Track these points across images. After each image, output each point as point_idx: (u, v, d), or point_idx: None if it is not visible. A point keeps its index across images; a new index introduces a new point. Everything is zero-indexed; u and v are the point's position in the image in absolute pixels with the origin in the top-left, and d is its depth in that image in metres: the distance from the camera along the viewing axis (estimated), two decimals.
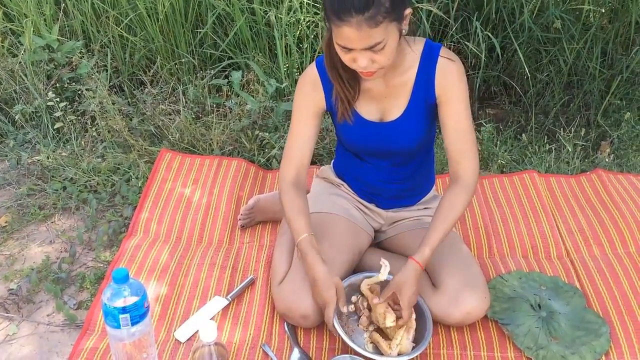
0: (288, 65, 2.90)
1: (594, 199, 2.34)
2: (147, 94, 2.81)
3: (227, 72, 2.98)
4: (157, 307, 1.84)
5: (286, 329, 1.76)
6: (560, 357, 1.68)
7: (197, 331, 1.75)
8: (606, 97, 2.93)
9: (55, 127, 2.69)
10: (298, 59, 2.90)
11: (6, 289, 1.97)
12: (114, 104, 2.73)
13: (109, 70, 2.94)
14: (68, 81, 2.85)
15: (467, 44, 2.85)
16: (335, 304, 1.63)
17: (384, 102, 1.72)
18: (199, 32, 2.99)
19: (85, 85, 2.77)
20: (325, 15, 1.48)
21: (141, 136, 2.69)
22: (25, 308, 1.92)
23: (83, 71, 2.83)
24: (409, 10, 1.50)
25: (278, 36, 2.81)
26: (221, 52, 3.01)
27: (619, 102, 2.94)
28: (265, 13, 2.89)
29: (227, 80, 2.86)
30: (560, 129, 2.81)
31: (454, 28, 2.84)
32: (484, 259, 2.06)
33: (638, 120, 2.83)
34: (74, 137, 2.67)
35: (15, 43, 3.06)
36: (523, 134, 2.80)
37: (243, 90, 2.83)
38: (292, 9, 2.84)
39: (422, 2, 2.73)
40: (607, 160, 2.62)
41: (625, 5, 2.96)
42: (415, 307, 1.68)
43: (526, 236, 2.16)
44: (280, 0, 2.89)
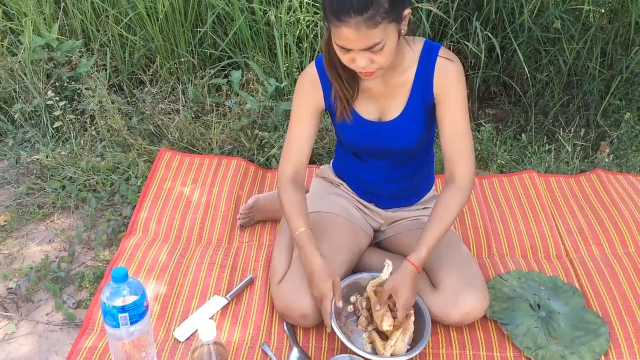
0: (288, 64, 2.90)
1: (594, 199, 2.34)
2: (146, 93, 2.80)
3: (226, 72, 2.98)
4: (156, 306, 1.84)
5: (285, 328, 1.76)
6: (560, 357, 1.68)
7: (196, 330, 1.75)
8: (606, 97, 2.93)
9: (55, 126, 2.69)
10: (298, 59, 2.90)
11: (5, 288, 1.97)
12: (113, 103, 2.73)
13: (108, 70, 2.93)
14: (67, 80, 2.85)
15: (467, 43, 2.85)
16: (332, 298, 1.63)
17: (383, 102, 1.72)
18: (199, 32, 2.99)
19: (85, 84, 2.77)
20: (324, 15, 1.48)
21: (140, 135, 2.69)
22: (24, 307, 1.91)
23: (82, 70, 2.83)
24: (408, 11, 1.50)
25: (278, 36, 2.81)
26: (221, 51, 3.01)
27: (618, 102, 2.94)
28: (265, 12, 2.89)
29: (226, 80, 2.86)
30: (560, 129, 2.81)
31: (453, 28, 2.84)
32: (483, 258, 2.06)
33: (637, 120, 2.83)
34: (73, 136, 2.67)
35: (15, 42, 3.06)
36: (523, 134, 2.80)
37: (242, 89, 2.83)
38: (292, 8, 2.84)
39: (422, 2, 2.73)
40: (606, 160, 2.62)
41: (625, 5, 2.96)
42: (413, 307, 1.68)
43: (525, 236, 2.16)
44: (279, 0, 2.89)
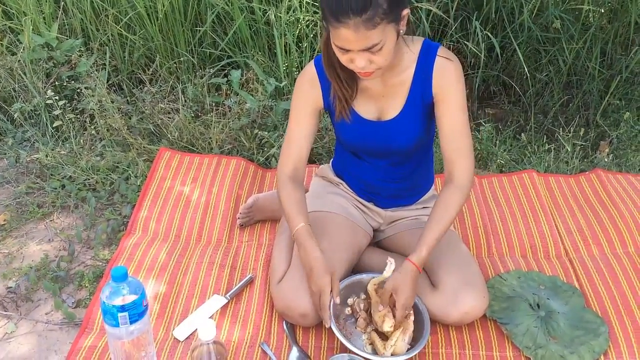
0: (287, 64, 2.90)
1: (593, 199, 2.34)
2: (146, 92, 2.80)
3: (226, 71, 2.98)
4: (156, 305, 1.84)
5: (285, 327, 1.76)
6: (559, 357, 1.68)
7: (195, 330, 1.75)
8: (605, 97, 2.93)
9: (54, 125, 2.69)
10: (297, 58, 2.90)
11: (5, 287, 1.97)
12: (113, 102, 2.73)
13: (107, 69, 2.93)
14: (67, 79, 2.85)
15: (467, 43, 2.85)
16: (330, 292, 1.63)
17: (382, 101, 1.72)
18: (198, 31, 2.98)
19: (85, 83, 2.77)
20: (323, 16, 1.48)
21: (140, 135, 2.69)
22: (23, 306, 1.91)
23: (82, 69, 2.83)
24: (406, 11, 1.50)
25: (277, 35, 2.81)
26: (220, 51, 3.01)
27: (618, 102, 2.94)
28: (265, 12, 2.89)
29: (226, 79, 2.86)
30: (560, 129, 2.81)
31: (453, 28, 2.84)
32: (482, 258, 2.06)
33: (637, 120, 2.83)
34: (73, 135, 2.67)
35: (15, 41, 3.06)
36: (522, 134, 2.80)
37: (242, 89, 2.83)
38: (292, 8, 2.84)
39: (422, 2, 2.73)
40: (606, 160, 2.62)
41: (624, 5, 2.96)
42: (413, 309, 1.68)
43: (525, 236, 2.16)
44: None
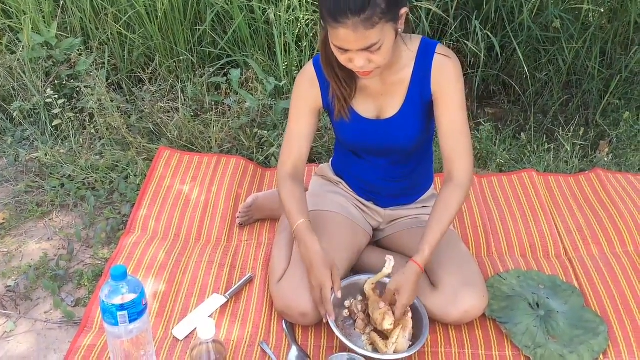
0: (287, 63, 2.90)
1: (593, 198, 2.34)
2: (145, 91, 2.80)
3: (225, 70, 2.97)
4: (155, 304, 1.83)
5: (284, 327, 1.76)
6: (559, 356, 1.68)
7: (195, 329, 1.75)
8: (605, 96, 2.93)
9: (54, 124, 2.69)
10: (297, 57, 2.90)
11: (4, 286, 1.97)
12: (112, 101, 2.73)
13: (106, 67, 2.93)
14: (66, 78, 2.85)
15: (467, 43, 2.85)
16: (330, 287, 1.63)
17: (381, 100, 1.71)
18: (198, 30, 2.98)
19: (84, 82, 2.76)
20: (321, 16, 1.48)
21: (139, 134, 2.68)
22: (22, 305, 1.91)
23: (81, 68, 2.82)
24: (404, 10, 1.50)
25: (277, 34, 2.81)
26: (220, 50, 3.00)
27: (617, 101, 2.94)
28: (264, 11, 2.89)
29: (225, 78, 2.86)
30: (559, 128, 2.81)
31: (453, 27, 2.84)
32: (482, 257, 2.06)
33: (637, 119, 2.83)
34: (72, 134, 2.66)
35: (14, 40, 3.06)
36: (522, 133, 2.80)
37: (242, 88, 2.83)
38: (291, 7, 2.84)
39: (422, 1, 2.73)
40: (605, 159, 2.62)
41: (624, 5, 2.96)
42: (410, 306, 1.68)
43: (525, 235, 2.16)
44: None
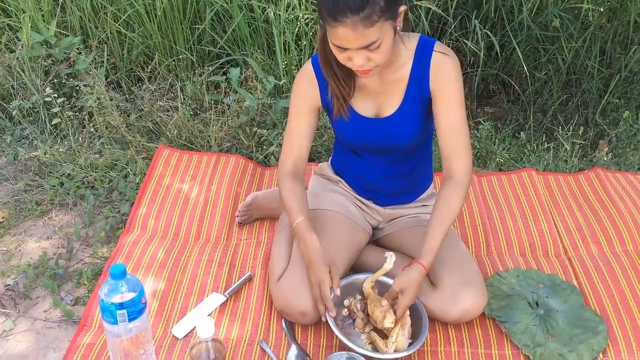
0: (286, 62, 2.90)
1: (592, 198, 2.34)
2: (145, 90, 2.80)
3: (225, 69, 2.97)
4: (155, 303, 1.83)
5: (284, 325, 1.76)
6: (558, 355, 1.68)
7: (194, 327, 1.75)
8: (604, 95, 2.93)
9: (53, 123, 2.69)
10: (296, 56, 2.89)
11: (3, 284, 1.97)
12: (111, 100, 2.72)
13: (105, 66, 2.93)
14: (66, 77, 2.85)
15: (466, 42, 2.85)
16: (329, 284, 1.64)
17: (380, 98, 1.71)
18: (197, 29, 2.98)
19: (83, 81, 2.76)
20: (320, 15, 1.48)
21: (139, 132, 2.68)
22: (22, 304, 1.91)
23: (81, 67, 2.82)
24: (403, 8, 1.50)
25: (276, 33, 2.81)
26: (219, 48, 3.00)
27: (617, 100, 2.94)
28: (264, 10, 2.88)
29: (225, 77, 2.85)
30: (559, 128, 2.81)
31: (452, 26, 2.84)
32: (481, 256, 2.06)
33: (636, 119, 2.83)
34: (72, 133, 2.66)
35: (13, 39, 3.05)
36: (521, 133, 2.80)
37: (241, 87, 2.83)
38: (291, 5, 2.83)
39: (421, 0, 2.73)
40: (605, 158, 2.62)
41: (624, 4, 2.96)
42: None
43: (524, 234, 2.16)
44: None
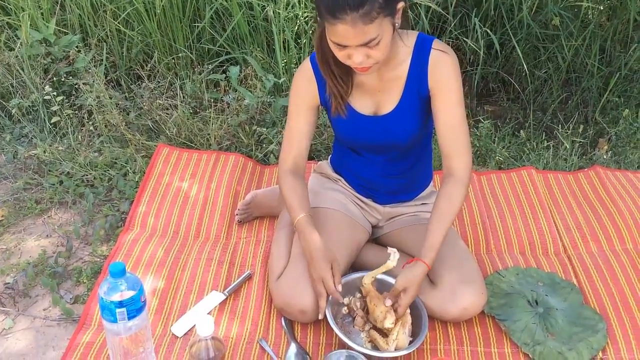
0: (286, 60, 2.89)
1: (592, 196, 2.34)
2: (144, 88, 2.80)
3: (224, 67, 2.97)
4: (154, 301, 1.83)
5: (283, 324, 1.76)
6: (557, 353, 1.68)
7: (194, 326, 1.75)
8: (604, 94, 2.93)
9: (52, 121, 2.68)
10: (296, 55, 2.89)
11: (2, 283, 1.97)
12: (111, 98, 2.72)
13: (104, 64, 2.92)
14: (65, 75, 2.84)
15: (466, 40, 2.85)
16: (331, 280, 1.64)
17: (378, 96, 1.71)
18: (197, 27, 2.98)
19: (83, 79, 2.76)
20: (318, 13, 1.47)
21: (138, 131, 2.68)
22: (21, 302, 1.91)
23: (80, 65, 2.82)
24: (401, 4, 1.49)
25: (276, 31, 2.81)
26: (219, 47, 3.00)
27: (617, 99, 2.94)
28: (263, 8, 2.88)
29: (224, 75, 2.85)
30: (559, 126, 2.81)
31: (452, 24, 2.84)
32: (481, 255, 2.06)
33: (636, 117, 2.83)
34: (71, 131, 2.66)
35: (12, 37, 3.05)
36: (521, 131, 2.79)
37: (241, 85, 2.83)
38: (290, 4, 2.83)
39: None
40: (604, 157, 2.62)
41: (623, 2, 2.96)
42: None
43: (524, 232, 2.16)
44: None
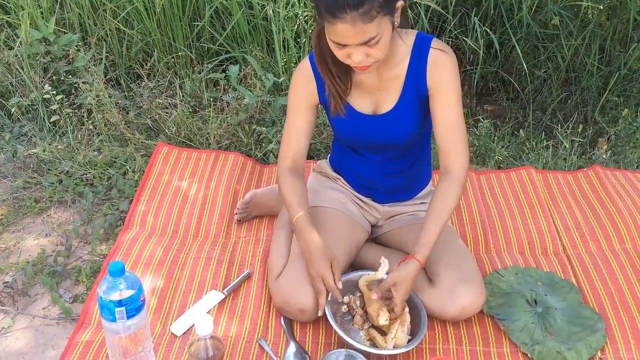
0: (285, 59, 2.89)
1: (591, 195, 2.34)
2: (143, 87, 2.79)
3: (224, 66, 2.97)
4: (153, 300, 1.83)
5: (282, 323, 1.76)
6: (556, 353, 1.68)
7: (193, 325, 1.75)
8: (604, 93, 2.93)
9: (52, 120, 2.68)
10: (295, 54, 2.89)
11: (1, 282, 1.97)
12: (110, 97, 2.72)
13: (104, 63, 2.92)
14: (64, 74, 2.84)
15: (466, 39, 2.85)
16: (331, 277, 1.64)
17: (377, 95, 1.71)
18: (197, 26, 2.97)
19: (82, 78, 2.76)
20: (318, 12, 1.47)
21: (138, 130, 2.68)
22: (20, 301, 1.91)
23: (80, 64, 2.82)
24: (400, 3, 1.50)
25: (276, 30, 2.80)
26: (218, 46, 3.00)
27: (616, 98, 2.94)
28: (263, 7, 2.88)
29: (224, 74, 2.85)
30: (558, 126, 2.81)
31: (452, 24, 2.84)
32: (480, 254, 2.06)
33: (635, 116, 2.83)
34: (70, 130, 2.66)
35: (12, 36, 3.05)
36: (521, 130, 2.79)
37: (240, 84, 2.83)
38: (290, 3, 2.83)
39: None
40: (604, 156, 2.62)
41: (623, 2, 2.95)
42: (408, 302, 1.68)
43: (523, 232, 2.16)
44: None
